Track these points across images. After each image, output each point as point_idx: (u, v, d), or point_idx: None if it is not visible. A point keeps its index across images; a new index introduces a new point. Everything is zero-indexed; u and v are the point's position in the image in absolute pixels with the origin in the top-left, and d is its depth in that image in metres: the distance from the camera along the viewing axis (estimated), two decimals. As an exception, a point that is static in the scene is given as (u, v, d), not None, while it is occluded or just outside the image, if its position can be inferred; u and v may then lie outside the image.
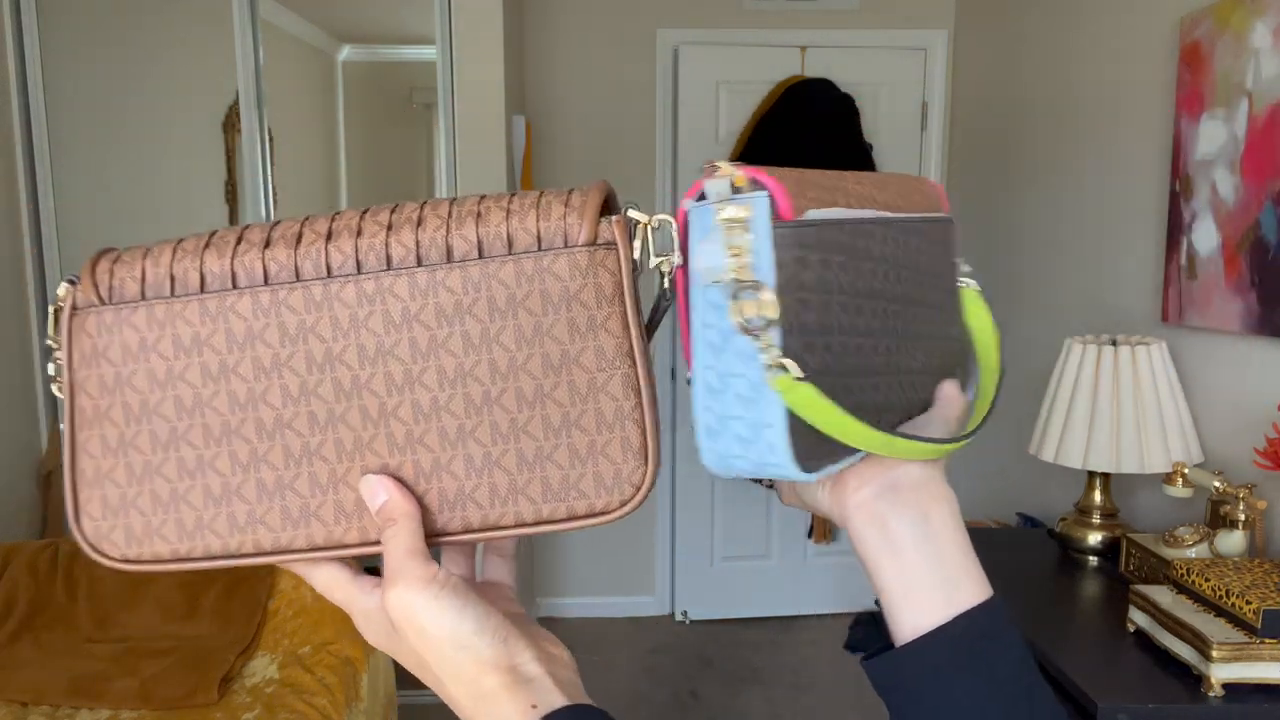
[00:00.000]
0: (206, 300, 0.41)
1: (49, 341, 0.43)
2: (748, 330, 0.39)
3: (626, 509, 0.40)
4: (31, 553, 2.15)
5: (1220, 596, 1.37)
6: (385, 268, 0.40)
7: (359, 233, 0.41)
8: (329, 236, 0.41)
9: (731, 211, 0.39)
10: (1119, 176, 2.27)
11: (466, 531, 0.41)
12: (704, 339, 0.41)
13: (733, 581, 3.54)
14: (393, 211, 0.41)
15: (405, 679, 2.87)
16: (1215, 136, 1.85)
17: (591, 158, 3.40)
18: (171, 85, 3.30)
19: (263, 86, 2.63)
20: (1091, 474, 1.92)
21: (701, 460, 0.42)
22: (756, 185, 0.39)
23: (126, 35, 3.08)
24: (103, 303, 0.42)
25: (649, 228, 0.40)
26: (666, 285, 0.41)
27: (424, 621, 0.39)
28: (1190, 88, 1.93)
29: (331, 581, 0.42)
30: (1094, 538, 1.90)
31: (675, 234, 0.41)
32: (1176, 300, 1.98)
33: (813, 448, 0.40)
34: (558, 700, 0.39)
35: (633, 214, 0.40)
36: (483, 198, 0.41)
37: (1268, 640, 1.31)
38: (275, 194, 2.78)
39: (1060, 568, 1.89)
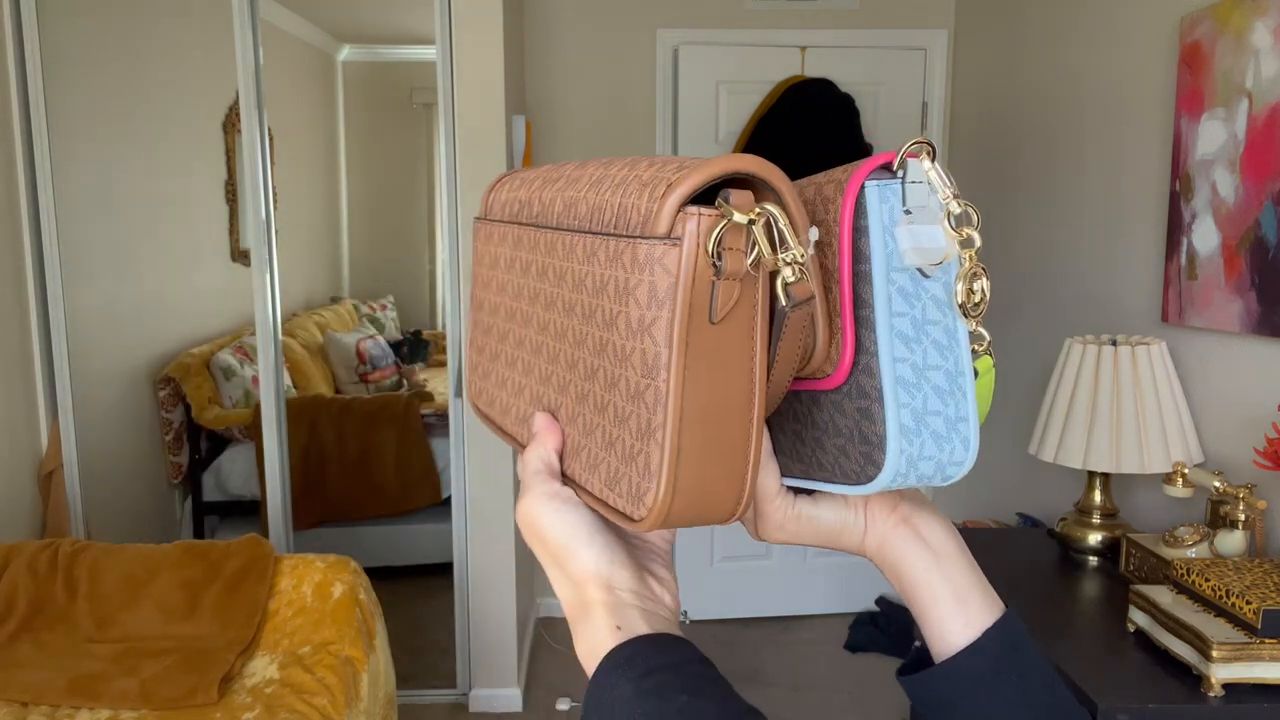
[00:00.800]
0: (504, 227, 0.50)
1: None
2: (968, 314, 0.38)
3: (643, 524, 0.38)
4: (31, 553, 2.15)
5: (1220, 596, 1.37)
6: (550, 223, 0.44)
7: (567, 184, 0.43)
8: (566, 184, 0.44)
9: (953, 192, 0.38)
10: (1119, 176, 2.27)
11: (578, 485, 0.43)
12: (895, 329, 0.38)
13: (732, 582, 3.54)
14: (603, 165, 0.42)
15: (405, 679, 2.87)
16: (1215, 136, 1.85)
17: (591, 158, 3.40)
18: (171, 85, 3.30)
19: (262, 86, 2.63)
20: (1091, 474, 1.92)
21: (879, 471, 0.39)
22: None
23: (127, 35, 3.08)
24: (483, 217, 0.53)
25: (753, 224, 0.35)
26: (790, 280, 0.36)
27: (543, 526, 0.43)
28: (1190, 88, 1.93)
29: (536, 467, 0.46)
30: (1094, 538, 1.90)
31: (840, 215, 0.39)
32: (1176, 300, 1.98)
33: None
34: (641, 628, 0.41)
35: (732, 205, 0.35)
36: (645, 161, 0.39)
37: (1268, 640, 1.31)
38: (275, 194, 2.78)
39: (1060, 568, 1.89)
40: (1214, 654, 1.31)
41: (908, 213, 0.38)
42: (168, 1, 3.28)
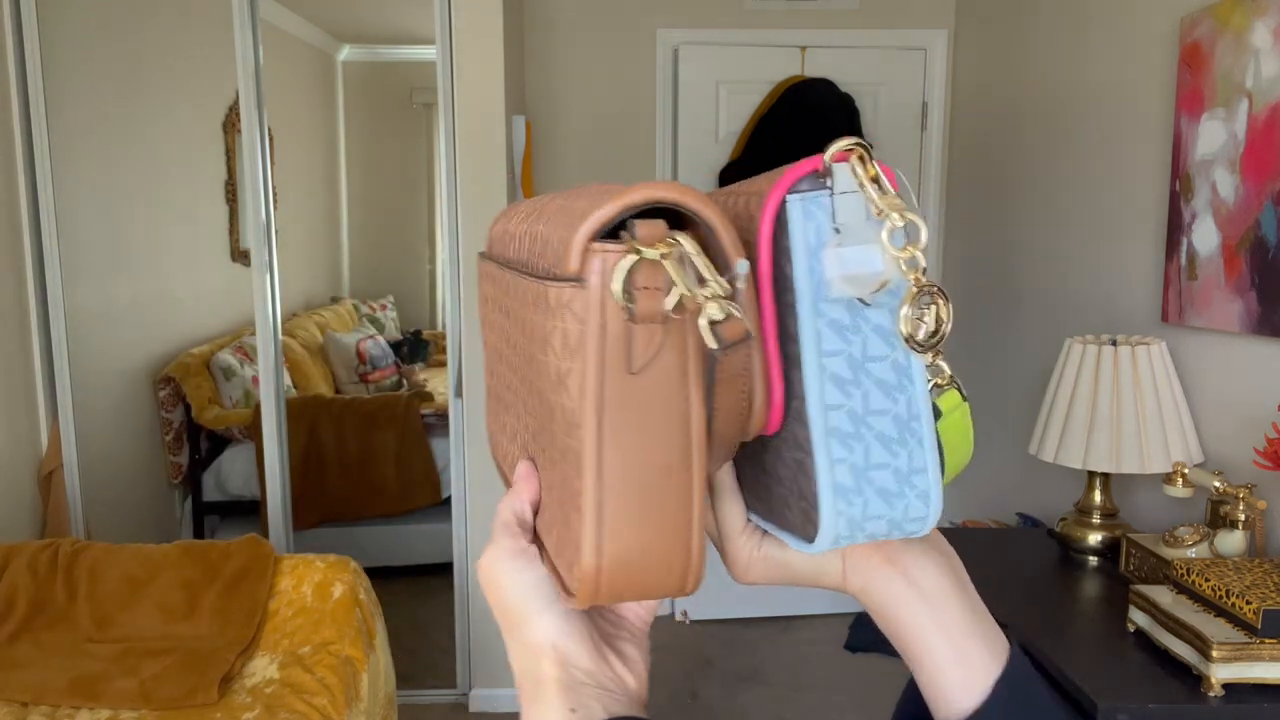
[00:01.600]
0: (486, 264, 0.47)
1: None
2: (921, 347, 0.32)
3: (576, 600, 0.34)
4: (31, 553, 2.15)
5: (1220, 596, 1.37)
6: (509, 260, 0.41)
7: (536, 215, 0.39)
8: (536, 215, 0.40)
9: (893, 202, 0.32)
10: (1119, 176, 2.27)
11: (542, 546, 0.40)
12: (827, 370, 0.33)
13: (732, 581, 3.53)
14: (571, 195, 0.38)
15: (405, 679, 2.87)
16: (1215, 136, 1.85)
17: (591, 158, 3.40)
18: (171, 85, 3.30)
19: (263, 86, 2.63)
20: (1091, 474, 1.92)
21: (817, 533, 0.34)
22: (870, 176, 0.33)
23: (126, 35, 3.08)
24: (484, 253, 0.49)
25: (665, 258, 0.30)
26: (717, 319, 0.31)
27: (499, 585, 0.40)
28: (1190, 88, 1.93)
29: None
30: (1094, 538, 1.90)
31: (758, 235, 0.34)
32: (1176, 300, 1.98)
33: None
34: (598, 713, 0.37)
35: (639, 239, 0.30)
36: (596, 188, 0.35)
37: (1268, 640, 1.31)
38: (275, 194, 2.78)
39: (1060, 568, 1.89)
40: (1214, 654, 1.31)
41: (837, 231, 0.33)
42: (168, 1, 3.28)
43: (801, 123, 3.24)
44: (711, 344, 0.31)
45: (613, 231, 0.31)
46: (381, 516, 3.56)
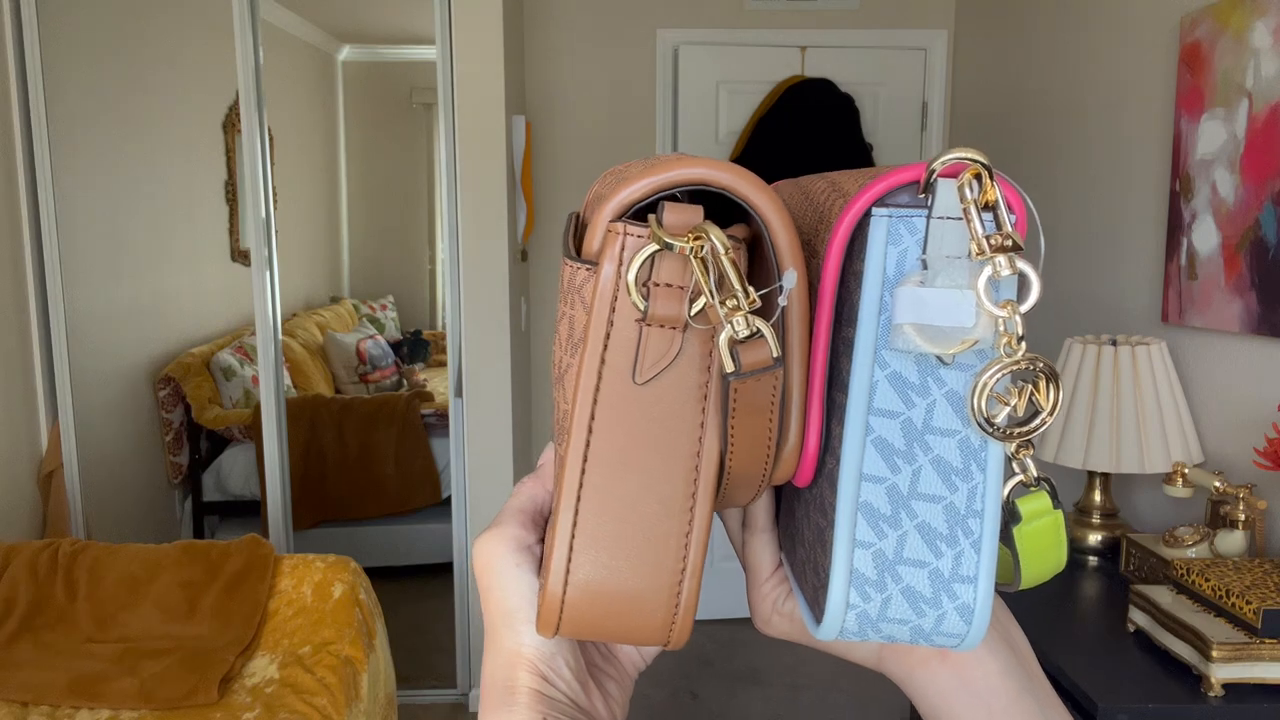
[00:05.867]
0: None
1: None
2: (999, 432, 0.26)
3: (539, 625, 0.30)
4: (31, 553, 2.15)
5: (1220, 596, 1.37)
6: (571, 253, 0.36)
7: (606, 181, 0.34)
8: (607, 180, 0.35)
9: (1005, 241, 0.25)
10: (1119, 176, 2.27)
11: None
12: (874, 433, 0.27)
13: (732, 582, 3.54)
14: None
15: (405, 679, 2.87)
16: (1215, 136, 1.85)
17: (591, 158, 3.40)
18: (171, 85, 3.30)
19: (263, 86, 2.63)
20: (1091, 474, 1.92)
21: (818, 625, 0.29)
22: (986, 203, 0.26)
23: (126, 35, 3.08)
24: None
25: (693, 260, 0.25)
26: (740, 337, 0.25)
27: (496, 581, 0.35)
28: (1190, 88, 1.93)
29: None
30: (1094, 538, 1.90)
31: (828, 250, 0.28)
32: (1176, 300, 1.98)
33: None
34: None
35: (666, 225, 0.25)
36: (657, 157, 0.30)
37: (1268, 640, 1.31)
38: (275, 194, 2.78)
39: (1060, 568, 1.89)
40: (1214, 654, 1.31)
41: (923, 265, 0.26)
42: (168, 2, 3.28)
43: (801, 123, 3.24)
44: (729, 366, 0.26)
45: (644, 213, 0.26)
46: (381, 516, 3.56)
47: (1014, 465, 0.27)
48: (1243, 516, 1.59)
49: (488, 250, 2.73)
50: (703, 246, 0.25)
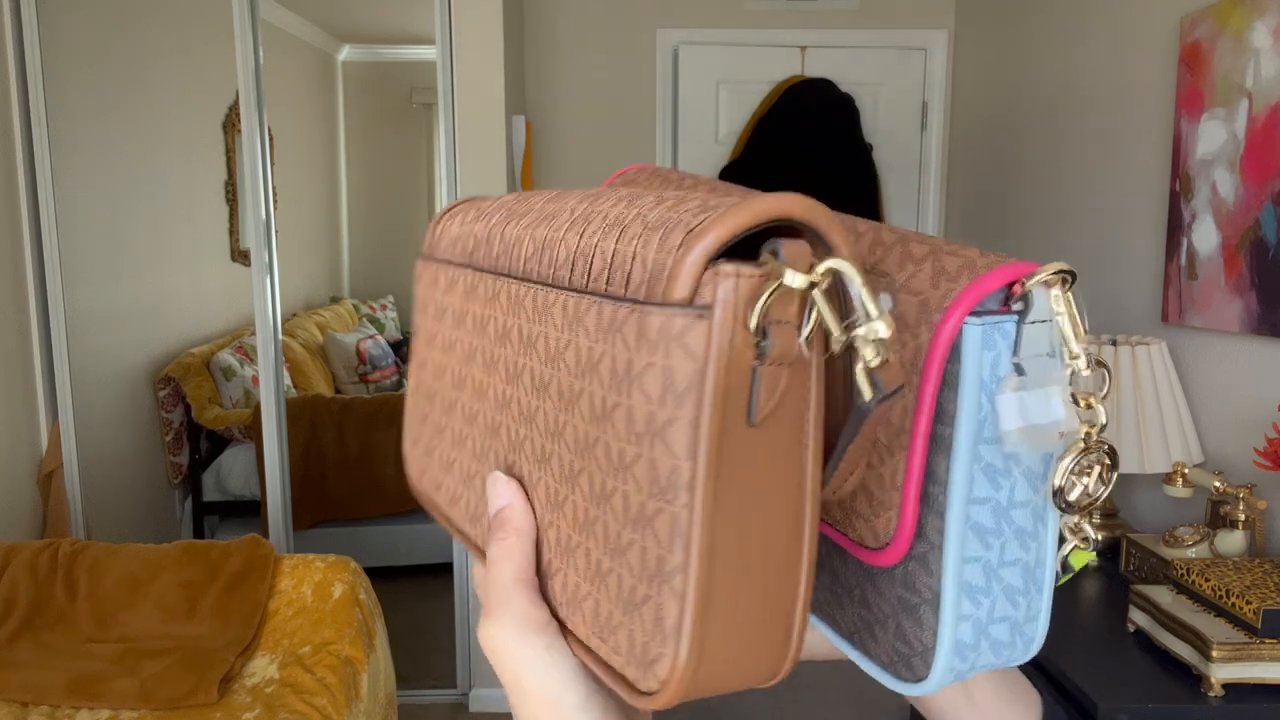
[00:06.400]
0: (454, 271, 0.38)
1: None
2: (1071, 508, 0.28)
3: (656, 701, 0.27)
4: (31, 553, 2.15)
5: (1220, 596, 1.37)
6: (515, 271, 0.33)
7: (540, 219, 0.33)
8: (538, 219, 0.33)
9: (1086, 337, 0.28)
10: (1119, 176, 2.27)
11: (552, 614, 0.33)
12: (971, 520, 0.29)
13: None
14: (589, 199, 0.32)
15: (405, 679, 2.87)
16: (1215, 136, 1.85)
17: (591, 158, 3.40)
18: (171, 85, 3.30)
19: (263, 86, 2.63)
20: (1091, 474, 1.92)
21: (921, 683, 0.31)
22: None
23: (126, 35, 3.08)
24: (427, 255, 0.42)
25: (815, 294, 0.25)
26: (873, 364, 0.26)
27: (522, 672, 0.31)
28: (1190, 88, 1.93)
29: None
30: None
31: (928, 357, 0.29)
32: (1176, 300, 1.98)
33: None
34: None
35: (785, 263, 0.25)
36: (651, 197, 0.30)
37: (1268, 640, 1.31)
38: (275, 194, 2.78)
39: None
40: (1214, 654, 1.31)
41: (1018, 371, 0.28)
42: (168, 1, 3.28)
43: (801, 123, 3.24)
44: (867, 394, 0.26)
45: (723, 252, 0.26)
46: (382, 516, 3.56)
47: (1072, 533, 0.30)
48: (1243, 516, 1.59)
49: (488, 250, 2.73)
50: (825, 281, 0.25)
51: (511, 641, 0.31)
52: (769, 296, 0.25)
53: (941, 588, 0.29)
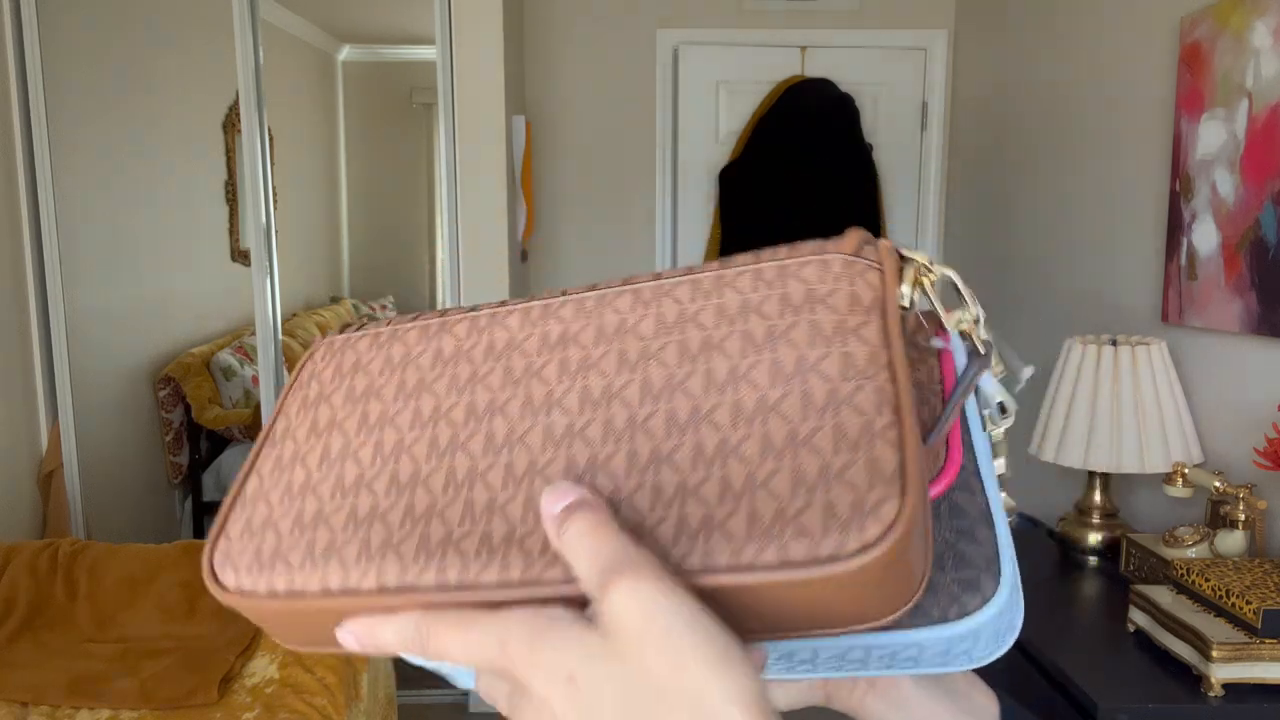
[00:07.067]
0: (430, 322, 0.41)
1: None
2: (997, 455, 0.38)
3: (866, 557, 0.27)
4: (31, 553, 2.15)
5: (1220, 596, 1.37)
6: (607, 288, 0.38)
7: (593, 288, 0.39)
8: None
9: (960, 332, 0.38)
10: (1119, 176, 2.27)
11: None
12: (981, 449, 0.38)
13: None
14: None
15: (405, 679, 2.87)
16: (1215, 136, 1.85)
17: (591, 158, 3.41)
18: (171, 85, 3.30)
19: (263, 86, 2.63)
20: (1091, 474, 1.92)
21: (998, 587, 0.35)
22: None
23: (126, 35, 3.08)
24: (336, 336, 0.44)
25: (924, 276, 0.35)
26: (975, 347, 0.38)
27: (670, 624, 0.27)
28: (1190, 88, 1.93)
29: (488, 623, 0.31)
30: (1094, 538, 1.90)
31: (956, 354, 0.39)
32: (1176, 300, 1.98)
33: None
34: None
35: (906, 252, 0.35)
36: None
37: (1268, 640, 1.31)
38: (275, 194, 2.78)
39: (1060, 568, 1.89)
40: (1214, 654, 1.31)
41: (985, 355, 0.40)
42: (168, 1, 3.28)
43: (801, 123, 3.24)
44: (980, 348, 0.38)
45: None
46: (381, 516, 3.55)
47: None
48: (1243, 516, 1.59)
49: (488, 250, 2.73)
50: (930, 277, 0.35)
51: (654, 589, 0.28)
52: (915, 277, 0.35)
53: (988, 495, 0.36)
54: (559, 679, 0.28)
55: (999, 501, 0.36)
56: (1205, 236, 1.88)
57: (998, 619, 0.34)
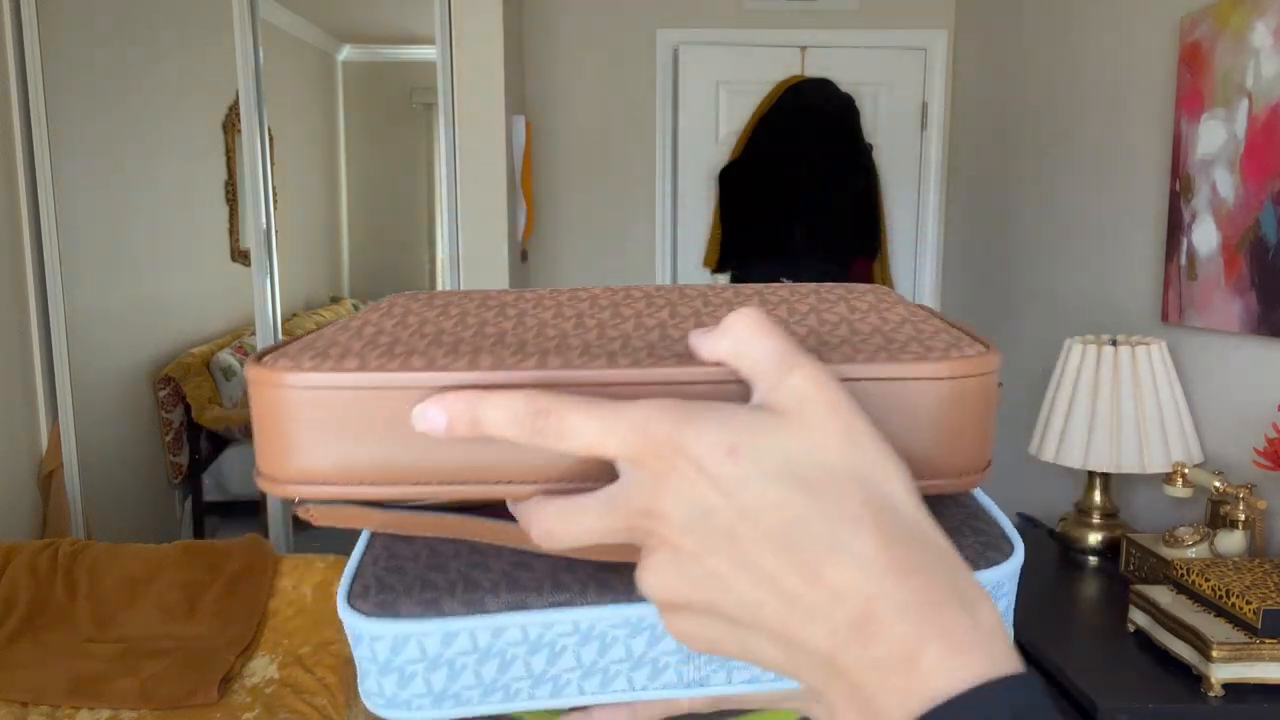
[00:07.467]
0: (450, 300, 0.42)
1: None
2: None
3: (964, 361, 0.32)
4: (31, 553, 2.15)
5: (1220, 596, 1.37)
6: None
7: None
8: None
9: None
10: (1119, 176, 2.27)
11: None
12: None
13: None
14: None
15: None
16: (1215, 136, 1.85)
17: (591, 158, 3.40)
18: (171, 85, 3.30)
19: (263, 86, 2.63)
20: (1091, 474, 1.92)
21: (1014, 550, 0.39)
22: None
23: (126, 35, 3.08)
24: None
25: None
26: None
27: (847, 403, 0.28)
28: (1190, 88, 1.93)
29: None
30: (1094, 538, 1.90)
31: None
32: (1176, 300, 1.98)
33: None
34: (1013, 662, 0.25)
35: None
36: None
37: (1268, 640, 1.31)
38: (275, 194, 2.78)
39: (1060, 568, 1.89)
40: (1214, 654, 1.31)
41: None
42: (168, 1, 3.28)
43: (801, 123, 3.24)
44: None
45: None
46: (381, 516, 3.55)
47: None
48: (1243, 516, 1.59)
49: (488, 250, 2.73)
50: None
51: (842, 383, 0.29)
52: None
53: (975, 497, 0.40)
54: (718, 450, 0.27)
55: (986, 498, 0.40)
56: (1205, 236, 1.88)
57: (1016, 576, 0.38)
